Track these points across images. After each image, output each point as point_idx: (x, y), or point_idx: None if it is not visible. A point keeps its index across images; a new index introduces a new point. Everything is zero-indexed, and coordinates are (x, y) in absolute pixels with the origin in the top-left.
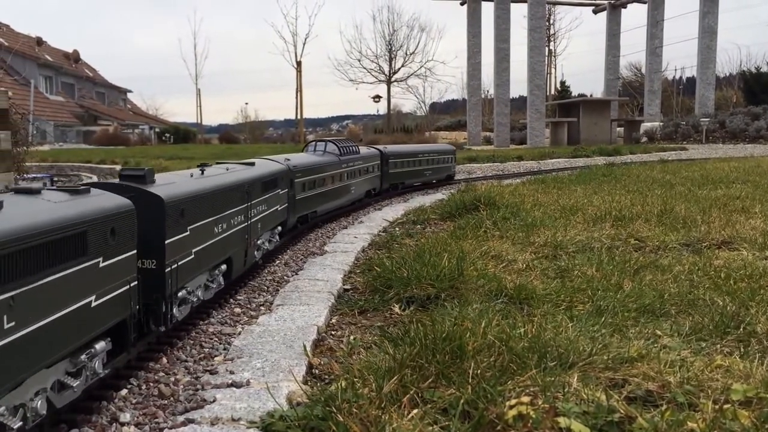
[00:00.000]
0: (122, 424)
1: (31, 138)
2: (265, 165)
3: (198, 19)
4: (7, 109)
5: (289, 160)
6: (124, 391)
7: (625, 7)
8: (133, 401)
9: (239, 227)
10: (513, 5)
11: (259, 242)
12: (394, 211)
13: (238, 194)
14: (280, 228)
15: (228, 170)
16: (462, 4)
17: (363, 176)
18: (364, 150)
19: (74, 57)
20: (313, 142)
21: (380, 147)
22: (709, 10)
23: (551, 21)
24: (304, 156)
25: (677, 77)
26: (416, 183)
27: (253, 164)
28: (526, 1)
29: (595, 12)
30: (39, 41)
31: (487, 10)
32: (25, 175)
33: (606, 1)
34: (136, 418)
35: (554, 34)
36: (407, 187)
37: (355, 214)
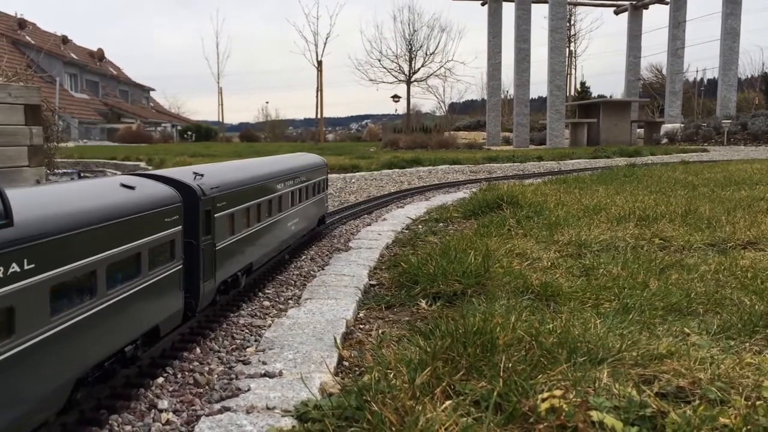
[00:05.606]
0: (160, 411)
1: (58, 134)
2: None
3: (220, 19)
4: (39, 105)
5: None
6: (160, 380)
7: (647, 8)
8: (170, 389)
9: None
10: (534, 6)
11: None
12: (416, 209)
13: None
14: None
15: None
16: (483, 4)
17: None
18: (123, 197)
19: (99, 55)
20: None
21: (185, 175)
22: (732, 11)
23: (572, 22)
24: None
25: (699, 79)
26: (272, 257)
27: None
28: (547, 2)
29: (616, 13)
30: (64, 39)
31: (508, 11)
32: (55, 170)
33: (627, 2)
34: (173, 405)
35: (575, 34)
36: (254, 274)
37: (378, 211)
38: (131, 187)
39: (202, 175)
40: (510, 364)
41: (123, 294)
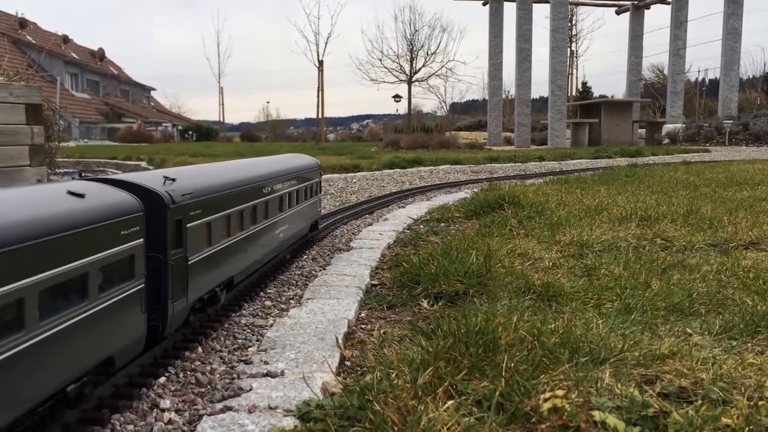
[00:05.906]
0: (162, 410)
1: (59, 134)
2: None
3: (221, 19)
4: (40, 104)
5: None
6: (162, 379)
7: (649, 8)
8: (172, 389)
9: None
10: (535, 5)
11: None
12: (417, 209)
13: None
14: None
15: None
16: (484, 4)
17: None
18: (66, 206)
19: (99, 55)
20: None
21: (151, 180)
22: (734, 11)
23: (573, 22)
24: None
25: (700, 79)
26: (258, 268)
27: None
28: (548, 2)
29: (618, 13)
30: (65, 39)
31: (509, 11)
32: (56, 170)
33: (629, 2)
34: (175, 405)
35: (576, 34)
36: (235, 288)
37: (379, 211)
38: (80, 195)
39: (173, 180)
40: (512, 364)
41: (63, 324)
